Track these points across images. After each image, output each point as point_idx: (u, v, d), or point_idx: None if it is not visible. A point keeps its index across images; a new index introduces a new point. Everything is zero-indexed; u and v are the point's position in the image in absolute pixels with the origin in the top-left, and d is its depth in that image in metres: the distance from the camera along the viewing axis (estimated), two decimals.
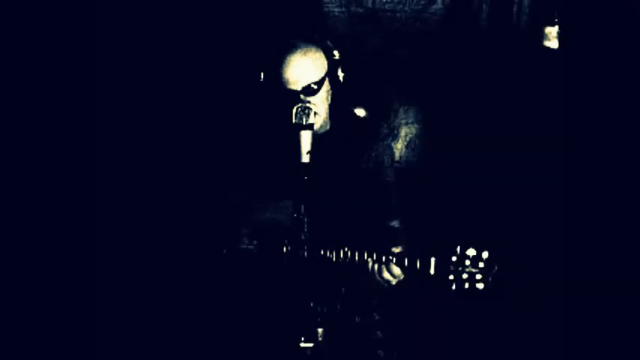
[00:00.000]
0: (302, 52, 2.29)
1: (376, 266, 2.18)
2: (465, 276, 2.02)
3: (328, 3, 3.30)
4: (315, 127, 2.21)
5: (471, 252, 2.03)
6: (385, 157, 2.45)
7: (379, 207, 2.42)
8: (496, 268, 2.00)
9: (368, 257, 2.19)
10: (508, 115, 3.21)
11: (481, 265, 2.02)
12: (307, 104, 2.12)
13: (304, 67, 2.27)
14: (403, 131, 3.19)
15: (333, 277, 2.36)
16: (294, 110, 2.10)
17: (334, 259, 2.24)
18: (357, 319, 2.42)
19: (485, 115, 3.24)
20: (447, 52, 3.28)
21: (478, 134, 3.22)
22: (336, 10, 3.32)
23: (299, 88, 2.26)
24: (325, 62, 2.33)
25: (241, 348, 2.41)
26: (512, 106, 3.21)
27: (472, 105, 3.25)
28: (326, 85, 2.34)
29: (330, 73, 2.34)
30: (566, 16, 3.02)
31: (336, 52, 2.36)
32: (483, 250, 2.03)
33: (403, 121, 3.23)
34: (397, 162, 2.46)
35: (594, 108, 2.50)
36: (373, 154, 2.44)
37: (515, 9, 3.25)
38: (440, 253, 2.07)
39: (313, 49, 2.31)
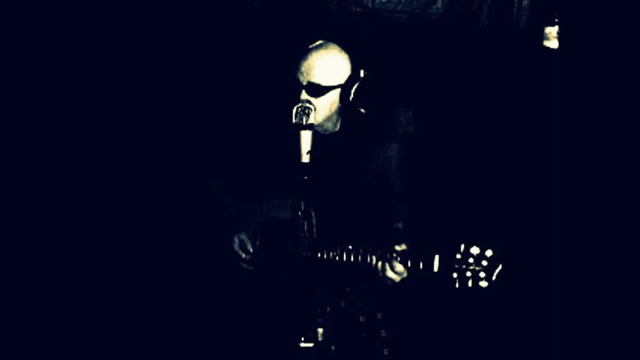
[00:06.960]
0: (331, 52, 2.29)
1: (380, 264, 2.18)
2: (468, 274, 2.02)
3: (329, 3, 3.30)
4: (317, 120, 2.20)
5: (475, 250, 2.03)
6: (391, 159, 2.45)
7: (384, 207, 2.42)
8: (500, 266, 2.00)
9: (372, 255, 2.19)
10: (508, 114, 3.22)
11: (485, 263, 2.02)
12: (307, 104, 2.12)
13: (329, 68, 2.27)
14: (405, 131, 3.19)
15: (336, 277, 2.36)
16: (294, 110, 2.10)
17: (337, 258, 2.23)
18: (361, 319, 2.42)
19: (486, 115, 3.24)
20: (447, 52, 3.29)
21: (479, 134, 3.22)
22: (335, 9, 3.32)
23: (323, 83, 2.25)
24: (348, 67, 2.30)
25: (243, 347, 2.40)
26: (513, 106, 3.22)
27: (473, 105, 3.26)
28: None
29: (348, 85, 2.30)
30: (566, 16, 3.02)
31: (361, 71, 2.32)
32: (487, 249, 2.03)
33: (405, 122, 3.24)
34: (401, 163, 2.45)
35: (595, 108, 2.50)
36: (378, 156, 2.44)
37: (515, 9, 3.26)
38: (444, 250, 2.07)
39: (341, 53, 2.30)
